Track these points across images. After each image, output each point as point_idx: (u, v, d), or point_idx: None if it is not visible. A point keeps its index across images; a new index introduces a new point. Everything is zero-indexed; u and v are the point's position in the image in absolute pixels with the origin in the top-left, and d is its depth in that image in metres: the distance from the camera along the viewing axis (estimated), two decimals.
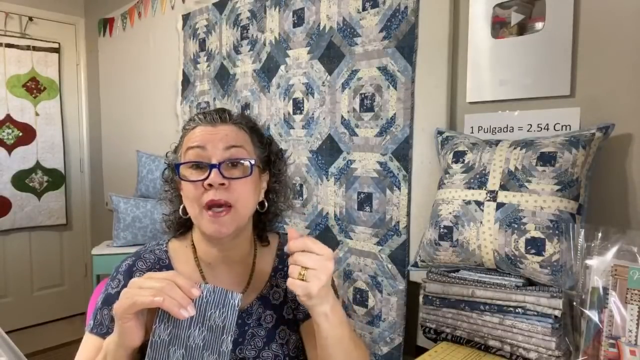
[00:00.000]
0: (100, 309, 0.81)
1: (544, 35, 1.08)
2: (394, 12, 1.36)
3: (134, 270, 0.83)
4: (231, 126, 0.81)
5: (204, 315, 0.64)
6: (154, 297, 0.60)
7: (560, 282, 0.91)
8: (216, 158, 0.76)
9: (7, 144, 3.04)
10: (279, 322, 0.86)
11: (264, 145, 0.87)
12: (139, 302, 0.61)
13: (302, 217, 1.69)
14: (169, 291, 0.61)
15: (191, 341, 0.64)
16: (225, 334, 0.64)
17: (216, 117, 0.81)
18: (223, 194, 0.75)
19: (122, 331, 0.63)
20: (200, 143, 0.78)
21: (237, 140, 0.80)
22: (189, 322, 0.64)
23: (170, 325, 0.63)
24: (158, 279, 0.63)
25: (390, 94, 1.39)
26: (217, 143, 0.78)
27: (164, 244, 0.89)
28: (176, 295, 0.61)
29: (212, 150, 0.77)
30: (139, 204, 2.29)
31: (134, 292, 0.62)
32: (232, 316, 0.65)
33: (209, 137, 0.78)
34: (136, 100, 2.77)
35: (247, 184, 0.79)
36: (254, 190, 0.82)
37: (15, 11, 3.05)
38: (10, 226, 3.08)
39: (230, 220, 0.77)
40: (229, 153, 0.78)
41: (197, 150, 0.78)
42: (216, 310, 0.64)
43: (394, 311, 1.40)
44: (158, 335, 0.63)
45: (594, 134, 0.96)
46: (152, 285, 0.62)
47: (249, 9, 1.88)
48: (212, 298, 0.65)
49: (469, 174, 1.07)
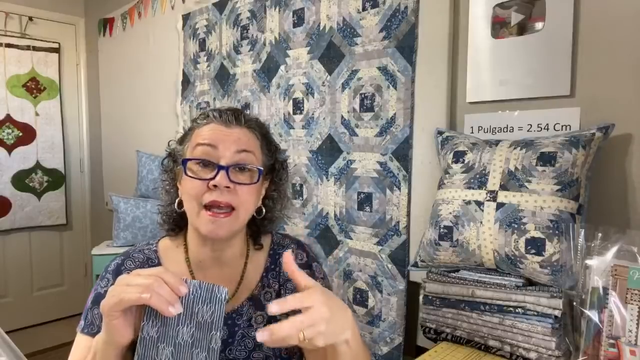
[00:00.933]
0: (90, 309, 0.80)
1: (544, 35, 1.08)
2: (394, 12, 1.36)
3: (122, 269, 0.83)
4: (245, 130, 0.81)
5: (192, 311, 0.63)
6: (141, 294, 0.59)
7: (560, 282, 0.91)
8: (225, 160, 0.76)
9: (7, 144, 3.04)
10: (270, 322, 0.85)
11: (272, 153, 0.87)
12: (125, 299, 0.59)
13: (302, 217, 1.69)
14: (156, 288, 0.60)
15: (180, 338, 0.63)
16: (214, 329, 0.63)
17: (231, 118, 0.80)
18: (227, 196, 0.75)
19: (110, 329, 0.62)
20: (212, 141, 0.77)
21: (249, 145, 0.79)
22: (177, 319, 0.63)
23: (158, 322, 0.62)
24: (146, 275, 0.62)
25: (390, 94, 1.39)
26: (229, 145, 0.77)
27: (154, 244, 0.88)
28: (164, 292, 0.60)
29: (223, 152, 0.76)
30: (139, 204, 2.29)
31: (121, 290, 0.61)
32: (219, 311, 0.63)
33: (222, 137, 0.77)
34: (136, 100, 2.77)
35: (251, 191, 0.78)
36: (256, 197, 0.81)
37: (15, 11, 3.04)
38: (10, 226, 3.08)
39: (229, 223, 0.76)
40: (239, 157, 0.77)
41: (207, 148, 0.77)
42: (204, 305, 0.63)
43: (394, 311, 1.40)
44: (146, 332, 0.62)
45: (594, 134, 0.96)
46: (140, 282, 0.60)
47: (249, 9, 1.88)
48: (198, 294, 0.63)
49: (469, 174, 1.07)
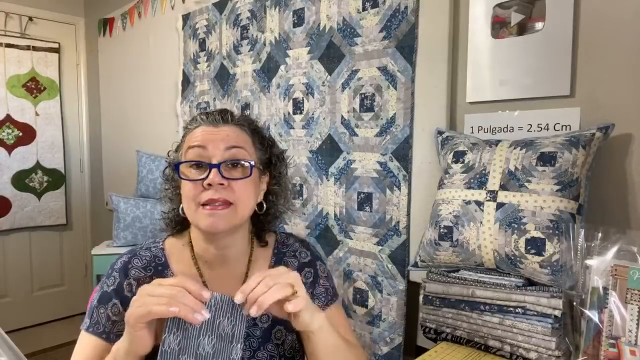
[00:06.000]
0: (96, 307, 0.80)
1: (544, 35, 1.08)
2: (394, 12, 1.36)
3: (129, 267, 0.83)
4: (233, 127, 0.82)
5: (213, 323, 0.64)
6: (170, 307, 0.60)
7: (560, 282, 0.91)
8: (216, 158, 0.77)
9: (7, 144, 3.04)
10: (275, 322, 0.86)
11: (265, 147, 0.87)
12: (153, 312, 0.61)
13: (302, 217, 1.69)
14: (181, 298, 0.61)
15: (201, 349, 0.64)
16: (234, 341, 0.65)
17: (218, 118, 0.81)
18: (222, 193, 0.76)
19: (133, 339, 0.63)
20: (201, 143, 0.78)
21: (238, 141, 0.80)
22: (199, 330, 0.64)
23: (180, 334, 0.64)
24: (168, 285, 0.63)
25: (390, 94, 1.39)
26: (218, 143, 0.78)
27: (161, 242, 0.89)
28: (189, 302, 0.62)
29: (213, 150, 0.77)
30: (139, 204, 2.29)
31: (147, 301, 0.62)
32: (241, 324, 0.65)
33: (210, 137, 0.79)
34: (136, 100, 2.77)
35: (247, 185, 0.79)
36: (253, 192, 0.82)
37: (15, 11, 3.04)
38: (10, 226, 3.08)
39: (228, 215, 0.77)
40: (230, 153, 0.78)
41: (197, 149, 0.78)
42: (224, 318, 0.65)
43: (394, 311, 1.40)
44: (168, 345, 0.63)
45: (594, 134, 0.96)
46: (163, 293, 0.62)
47: (249, 9, 1.88)
48: (220, 306, 0.65)
49: (469, 174, 1.07)
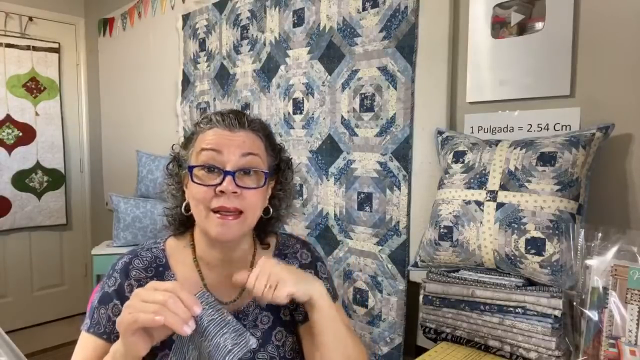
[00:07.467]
0: (97, 308, 0.80)
1: (544, 35, 1.08)
2: (394, 12, 1.36)
3: (130, 268, 0.83)
4: (248, 132, 0.80)
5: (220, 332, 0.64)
6: (155, 317, 0.60)
7: (560, 282, 0.91)
8: (231, 165, 0.75)
9: (7, 144, 3.04)
10: (275, 323, 0.85)
11: (276, 153, 0.87)
12: (140, 320, 0.61)
13: (302, 217, 1.69)
14: (171, 305, 0.61)
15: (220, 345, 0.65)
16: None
17: (235, 122, 0.79)
18: (234, 201, 0.75)
19: (127, 343, 0.63)
20: (216, 147, 0.76)
21: (253, 148, 0.79)
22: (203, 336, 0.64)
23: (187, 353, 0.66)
24: (162, 291, 0.63)
25: (390, 94, 1.39)
26: (233, 149, 0.76)
27: (161, 243, 0.88)
28: (178, 310, 0.61)
29: (228, 156, 0.76)
30: (139, 204, 2.29)
31: (137, 307, 0.61)
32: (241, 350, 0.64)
33: (226, 141, 0.77)
34: (136, 100, 2.77)
35: (258, 194, 0.78)
36: (263, 199, 0.82)
37: (15, 11, 3.04)
38: (10, 226, 3.08)
39: (238, 225, 0.76)
40: (245, 161, 0.77)
41: (212, 153, 0.76)
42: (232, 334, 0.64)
43: (394, 311, 1.40)
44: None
45: (594, 134, 0.96)
46: (155, 299, 0.61)
47: (249, 9, 1.88)
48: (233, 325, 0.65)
49: (469, 174, 1.07)
